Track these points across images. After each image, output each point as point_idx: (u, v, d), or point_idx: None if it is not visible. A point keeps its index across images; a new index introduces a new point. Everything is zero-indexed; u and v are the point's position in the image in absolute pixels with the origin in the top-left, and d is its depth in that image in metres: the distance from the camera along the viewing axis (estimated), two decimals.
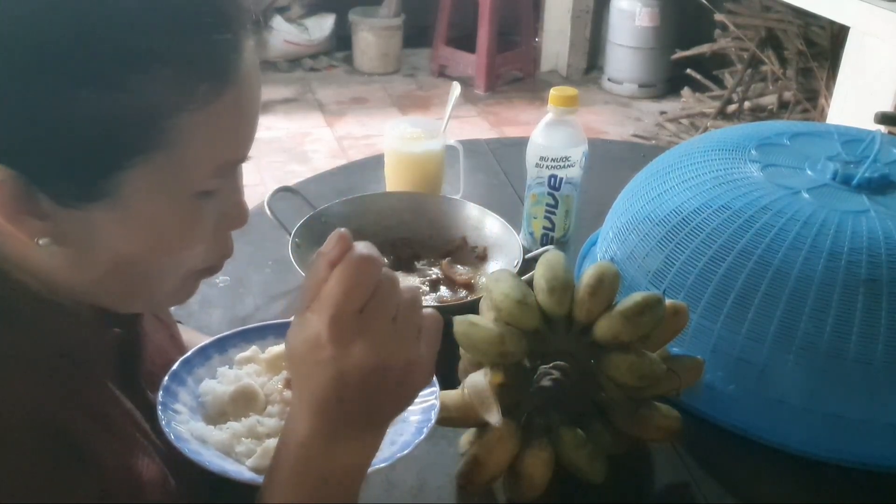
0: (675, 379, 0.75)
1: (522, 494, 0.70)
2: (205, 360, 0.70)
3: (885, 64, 1.97)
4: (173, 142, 0.48)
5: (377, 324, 0.49)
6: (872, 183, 0.85)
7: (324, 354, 0.49)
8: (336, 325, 0.48)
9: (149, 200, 0.49)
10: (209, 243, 0.55)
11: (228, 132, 0.51)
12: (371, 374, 0.49)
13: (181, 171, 0.49)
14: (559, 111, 1.02)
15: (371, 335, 0.48)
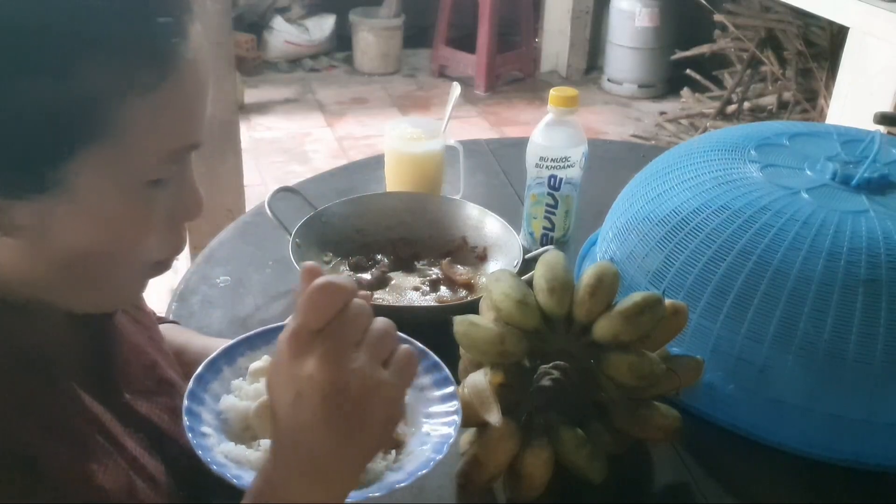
0: (674, 379, 0.75)
1: (522, 494, 0.70)
2: (217, 374, 0.68)
3: (884, 64, 1.97)
4: (119, 129, 0.47)
5: (335, 343, 0.48)
6: (872, 183, 0.85)
7: (283, 372, 0.48)
8: (293, 340, 0.48)
9: (99, 190, 0.48)
10: (162, 234, 0.54)
11: (176, 118, 0.50)
12: (327, 394, 0.47)
13: (129, 159, 0.48)
14: (559, 111, 1.03)
15: (326, 352, 0.47)
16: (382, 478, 0.61)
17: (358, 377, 0.48)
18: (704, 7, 3.41)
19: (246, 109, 3.65)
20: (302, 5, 4.27)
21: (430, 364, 0.69)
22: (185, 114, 0.50)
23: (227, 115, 1.93)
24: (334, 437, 0.48)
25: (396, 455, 0.64)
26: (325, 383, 0.47)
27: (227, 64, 1.88)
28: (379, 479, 0.61)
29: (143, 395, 0.64)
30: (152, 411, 0.64)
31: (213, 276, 1.03)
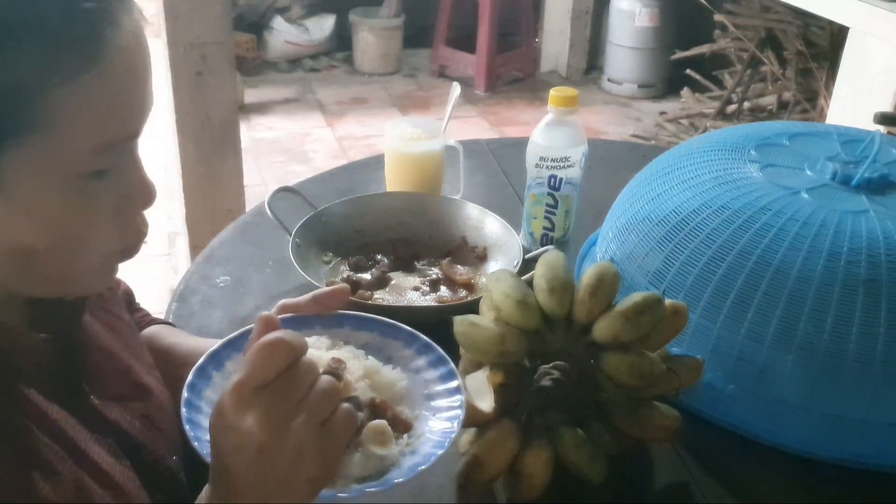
0: (674, 379, 0.75)
1: (522, 494, 0.70)
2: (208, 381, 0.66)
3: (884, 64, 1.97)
4: (45, 121, 0.46)
5: (277, 401, 0.48)
6: (872, 183, 0.85)
7: (224, 421, 0.49)
8: (236, 393, 0.48)
9: (32, 185, 0.47)
10: (113, 226, 0.53)
11: (107, 108, 0.48)
12: (263, 451, 0.48)
13: (60, 151, 0.47)
14: (559, 111, 1.03)
15: (267, 411, 0.48)
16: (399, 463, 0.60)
17: (294, 438, 0.49)
18: (704, 7, 3.41)
19: (246, 109, 3.65)
20: (302, 5, 4.27)
21: (435, 358, 0.68)
22: (117, 103, 0.49)
23: (227, 115, 1.93)
24: (264, 489, 0.50)
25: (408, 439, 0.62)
26: (262, 441, 0.48)
27: (228, 64, 1.88)
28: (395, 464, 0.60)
29: (115, 400, 0.63)
30: (123, 417, 0.63)
31: (213, 276, 1.03)
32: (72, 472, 0.53)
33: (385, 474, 0.59)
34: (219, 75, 1.87)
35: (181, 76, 1.84)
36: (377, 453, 0.60)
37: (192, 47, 1.82)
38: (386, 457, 0.60)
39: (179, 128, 1.91)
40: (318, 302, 0.66)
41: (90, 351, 0.63)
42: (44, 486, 0.50)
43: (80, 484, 0.54)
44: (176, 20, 1.79)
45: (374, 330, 0.68)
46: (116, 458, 0.59)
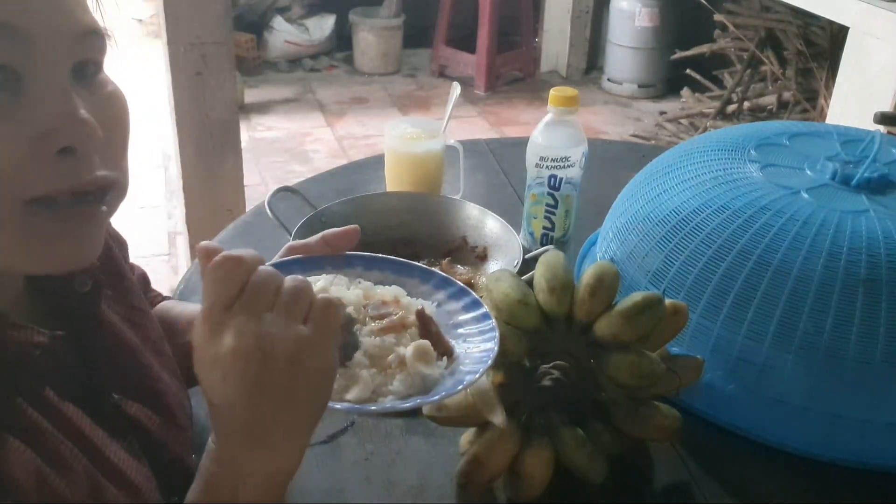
0: (674, 379, 0.75)
1: (522, 494, 0.70)
2: None
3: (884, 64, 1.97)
4: None
5: (247, 313, 0.47)
6: (872, 183, 0.85)
7: (205, 356, 0.48)
8: (206, 321, 0.48)
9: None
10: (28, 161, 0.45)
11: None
12: (250, 363, 0.47)
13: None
14: (559, 111, 1.03)
15: (239, 323, 0.47)
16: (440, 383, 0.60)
17: (277, 339, 0.47)
18: (704, 7, 3.41)
19: (246, 109, 3.65)
20: (302, 5, 4.27)
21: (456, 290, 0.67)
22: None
23: (227, 114, 1.93)
24: (269, 402, 0.48)
25: (448, 361, 0.62)
26: (246, 354, 0.47)
27: (228, 64, 1.88)
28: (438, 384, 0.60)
29: (134, 397, 0.62)
30: (143, 414, 0.62)
31: None
32: (87, 470, 0.52)
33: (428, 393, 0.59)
34: (219, 75, 1.87)
35: (181, 76, 1.84)
36: (421, 371, 0.59)
37: (192, 47, 1.82)
38: (428, 376, 0.60)
39: (179, 128, 1.91)
40: (328, 243, 0.65)
41: (108, 347, 0.61)
42: (59, 485, 0.49)
43: (94, 483, 0.53)
44: (176, 20, 1.79)
45: (387, 269, 0.67)
46: (135, 457, 0.58)
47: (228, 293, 0.48)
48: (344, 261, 0.68)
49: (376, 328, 0.63)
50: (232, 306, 0.48)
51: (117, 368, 0.61)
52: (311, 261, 0.67)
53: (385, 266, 0.68)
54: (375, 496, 0.73)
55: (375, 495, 0.73)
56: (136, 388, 0.63)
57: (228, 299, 0.48)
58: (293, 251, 0.65)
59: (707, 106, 3.60)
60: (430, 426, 0.77)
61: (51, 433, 0.51)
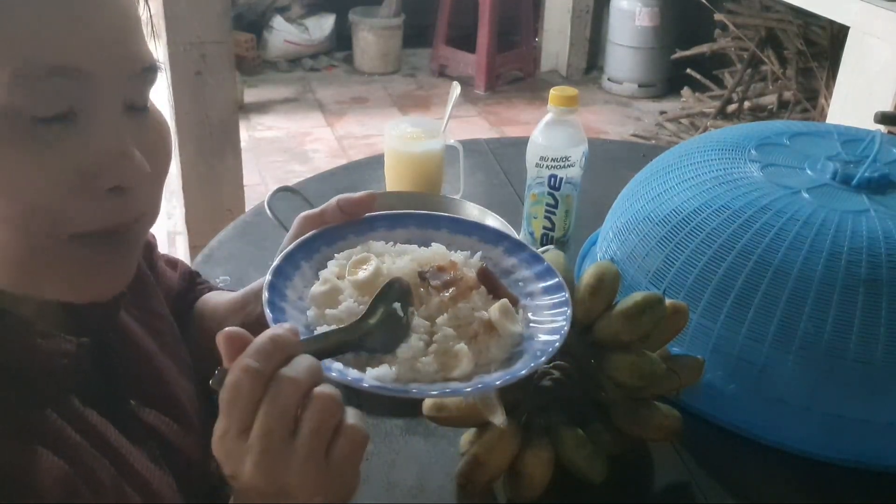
0: (675, 379, 0.75)
1: (522, 494, 0.70)
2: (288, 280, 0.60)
3: (885, 64, 1.97)
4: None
5: (265, 445, 0.44)
6: (872, 183, 0.85)
7: (224, 470, 0.46)
8: (221, 449, 0.45)
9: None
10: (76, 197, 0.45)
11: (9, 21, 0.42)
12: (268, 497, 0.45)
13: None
14: (559, 111, 1.02)
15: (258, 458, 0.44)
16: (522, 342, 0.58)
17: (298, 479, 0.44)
18: (705, 6, 3.41)
19: (246, 109, 3.65)
20: (302, 4, 4.27)
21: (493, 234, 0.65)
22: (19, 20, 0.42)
23: (226, 114, 1.93)
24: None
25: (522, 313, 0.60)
26: (266, 489, 0.44)
27: (227, 63, 1.88)
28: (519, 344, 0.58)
29: (152, 404, 0.61)
30: (161, 421, 0.61)
31: (212, 275, 1.03)
32: (113, 480, 0.52)
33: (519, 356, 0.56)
34: (218, 75, 1.87)
35: (181, 76, 1.84)
36: (511, 329, 0.57)
37: (192, 47, 1.81)
38: (517, 334, 0.58)
39: (179, 127, 1.91)
40: (344, 210, 0.63)
41: (127, 354, 0.61)
42: (86, 494, 0.49)
43: (120, 493, 0.52)
44: (176, 20, 1.79)
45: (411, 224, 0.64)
46: (156, 464, 0.58)
47: (244, 416, 0.44)
48: (366, 225, 0.65)
49: (448, 299, 0.58)
50: (249, 428, 0.44)
51: (134, 375, 0.61)
52: (333, 232, 0.64)
53: (409, 222, 0.65)
54: (375, 496, 0.73)
55: (375, 495, 0.73)
56: (152, 395, 0.62)
57: (246, 421, 0.44)
58: (308, 221, 0.63)
59: (707, 105, 3.60)
60: (429, 426, 0.77)
61: (78, 442, 0.51)
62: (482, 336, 0.58)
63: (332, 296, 0.59)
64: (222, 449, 0.45)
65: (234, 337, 0.46)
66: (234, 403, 0.44)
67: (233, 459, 0.45)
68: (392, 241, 0.64)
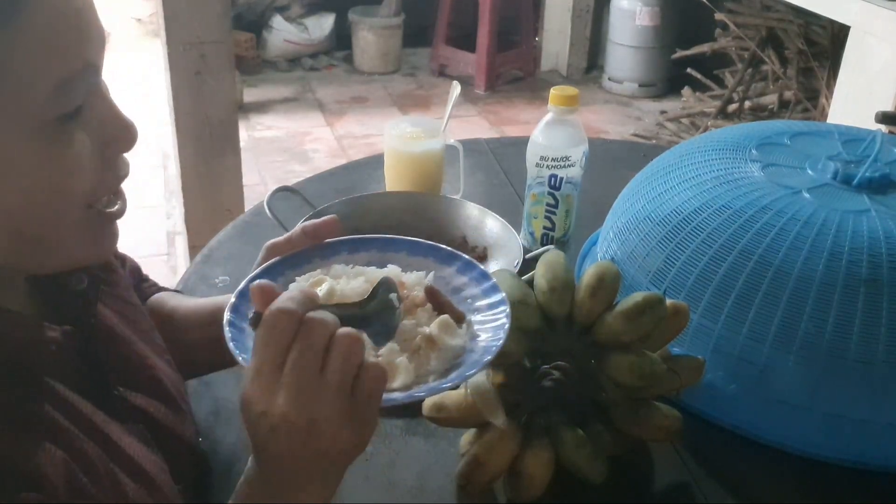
0: (675, 379, 0.74)
1: (522, 494, 0.70)
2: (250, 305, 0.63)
3: (885, 63, 1.97)
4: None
5: (298, 376, 0.49)
6: (873, 182, 0.85)
7: (254, 410, 0.50)
8: (256, 381, 0.49)
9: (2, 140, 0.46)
10: (96, 172, 0.51)
11: (51, 44, 0.47)
12: (295, 430, 0.49)
13: (18, 100, 0.46)
14: (559, 111, 1.02)
15: (291, 389, 0.49)
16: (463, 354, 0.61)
17: (324, 422, 0.49)
18: (705, 6, 3.41)
19: (245, 109, 3.65)
20: (301, 4, 4.26)
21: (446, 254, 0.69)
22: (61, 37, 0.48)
23: (226, 114, 1.93)
24: (309, 460, 0.51)
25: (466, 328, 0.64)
26: (294, 423, 0.49)
27: (227, 63, 1.88)
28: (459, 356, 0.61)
29: (136, 388, 0.63)
30: (149, 403, 0.63)
31: (212, 275, 1.03)
32: (105, 466, 0.53)
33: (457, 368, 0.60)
34: (218, 75, 1.86)
35: (180, 76, 1.84)
36: (450, 343, 0.61)
37: (192, 47, 1.81)
38: (457, 346, 0.61)
39: (178, 127, 1.91)
40: (309, 234, 0.66)
41: (107, 341, 0.62)
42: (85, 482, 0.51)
43: (113, 479, 0.54)
44: (175, 20, 1.79)
45: (372, 248, 0.68)
46: (147, 446, 0.59)
47: (279, 352, 0.49)
48: (329, 250, 0.68)
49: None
50: (283, 364, 0.49)
51: (118, 361, 0.62)
52: (298, 256, 0.67)
53: (370, 245, 0.69)
54: (375, 496, 0.73)
55: (375, 495, 0.73)
56: (136, 379, 0.63)
57: (279, 357, 0.49)
58: (274, 249, 0.66)
59: (708, 105, 3.60)
60: (429, 427, 0.77)
61: (70, 430, 0.52)
62: (424, 349, 0.61)
63: None
64: (256, 385, 0.49)
65: (266, 288, 0.53)
66: (269, 340, 0.49)
67: (266, 394, 0.49)
68: (353, 263, 0.67)
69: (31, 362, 0.53)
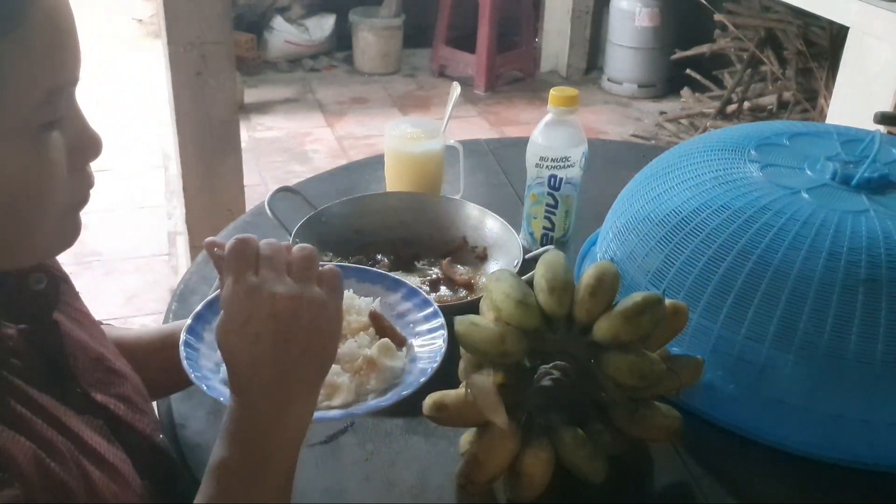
0: (674, 379, 0.75)
1: (522, 494, 0.70)
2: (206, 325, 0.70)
3: (884, 64, 1.97)
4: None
5: (267, 276, 0.56)
6: (872, 183, 0.85)
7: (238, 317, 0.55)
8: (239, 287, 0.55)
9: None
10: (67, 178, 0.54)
11: (46, 56, 0.50)
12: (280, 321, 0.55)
13: (10, 106, 0.48)
14: (559, 111, 1.03)
15: (271, 287, 0.55)
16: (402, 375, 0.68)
17: (304, 301, 0.56)
18: (704, 7, 3.41)
19: (246, 109, 3.65)
20: (302, 5, 4.27)
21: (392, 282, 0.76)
22: (56, 50, 0.50)
23: (226, 114, 1.93)
24: (291, 359, 0.56)
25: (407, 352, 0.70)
26: (279, 314, 0.55)
27: (228, 64, 1.88)
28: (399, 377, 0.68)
29: (96, 386, 0.64)
30: (109, 401, 0.64)
31: (213, 275, 1.03)
32: (72, 454, 0.55)
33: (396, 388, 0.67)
34: (219, 75, 1.87)
35: (181, 76, 1.84)
36: (388, 365, 0.67)
37: (192, 47, 1.81)
38: (395, 368, 0.68)
39: (179, 128, 1.91)
40: None
41: (65, 342, 0.64)
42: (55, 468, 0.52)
43: (80, 466, 0.55)
44: (176, 20, 1.79)
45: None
46: (108, 441, 0.60)
47: (247, 262, 0.56)
48: None
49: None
50: (254, 278, 0.56)
51: (75, 361, 0.63)
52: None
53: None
54: (375, 496, 0.73)
55: (375, 495, 0.73)
56: (96, 378, 0.65)
57: (249, 266, 0.56)
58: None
59: (707, 106, 3.60)
60: (430, 426, 0.77)
61: (34, 421, 0.53)
62: (365, 370, 0.68)
63: None
64: (235, 299, 0.55)
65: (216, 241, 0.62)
66: (238, 260, 0.56)
67: (246, 303, 0.55)
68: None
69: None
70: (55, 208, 0.54)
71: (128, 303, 2.37)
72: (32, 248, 0.56)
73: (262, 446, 0.57)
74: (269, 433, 0.56)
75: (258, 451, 0.57)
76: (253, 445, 0.56)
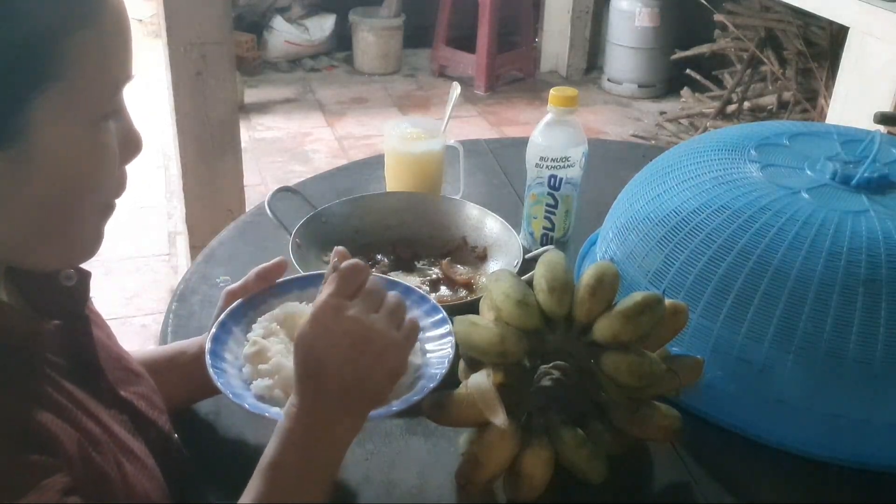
0: (674, 379, 0.75)
1: (522, 494, 0.70)
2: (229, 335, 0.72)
3: (884, 64, 1.97)
4: (69, 66, 0.49)
5: (363, 307, 0.61)
6: (872, 183, 0.85)
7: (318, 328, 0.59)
8: (331, 302, 0.60)
9: (60, 132, 0.50)
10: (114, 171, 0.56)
11: (117, 49, 0.52)
12: (356, 343, 0.59)
13: (83, 95, 0.50)
14: (559, 111, 1.03)
15: (358, 313, 0.60)
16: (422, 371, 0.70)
17: (378, 334, 0.60)
18: (704, 7, 3.41)
19: (246, 109, 3.65)
20: (302, 5, 4.27)
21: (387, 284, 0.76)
22: (123, 44, 0.53)
23: (227, 114, 1.93)
24: (357, 373, 0.59)
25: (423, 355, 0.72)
26: (353, 335, 0.59)
27: (228, 64, 1.88)
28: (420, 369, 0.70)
29: (118, 383, 0.66)
30: (131, 397, 0.66)
31: (213, 275, 1.03)
32: (108, 445, 0.57)
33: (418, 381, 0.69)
34: (219, 75, 1.87)
35: (181, 76, 1.84)
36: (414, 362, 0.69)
37: (192, 47, 1.82)
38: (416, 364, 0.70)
39: (179, 128, 1.91)
40: (262, 277, 0.75)
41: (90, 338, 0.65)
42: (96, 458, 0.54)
43: (115, 457, 0.57)
44: (176, 20, 1.79)
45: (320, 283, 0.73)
46: (133, 435, 0.62)
47: (351, 288, 0.61)
48: (283, 289, 0.76)
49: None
50: (352, 298, 0.61)
51: (103, 357, 0.65)
52: (256, 298, 0.75)
53: (318, 281, 0.74)
54: (375, 496, 0.73)
55: (375, 495, 0.73)
56: (120, 375, 0.67)
57: (352, 291, 0.61)
58: (232, 295, 0.74)
59: (707, 106, 3.60)
60: (430, 426, 0.77)
61: (73, 410, 0.56)
62: None
63: (262, 354, 0.70)
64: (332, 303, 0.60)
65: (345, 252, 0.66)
66: (346, 279, 0.61)
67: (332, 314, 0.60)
68: (305, 300, 0.75)
69: (30, 353, 0.56)
70: (95, 207, 0.56)
71: (128, 303, 2.37)
72: (64, 249, 0.57)
73: (314, 450, 0.60)
74: (322, 439, 0.60)
75: (310, 454, 0.60)
76: (306, 449, 0.60)
